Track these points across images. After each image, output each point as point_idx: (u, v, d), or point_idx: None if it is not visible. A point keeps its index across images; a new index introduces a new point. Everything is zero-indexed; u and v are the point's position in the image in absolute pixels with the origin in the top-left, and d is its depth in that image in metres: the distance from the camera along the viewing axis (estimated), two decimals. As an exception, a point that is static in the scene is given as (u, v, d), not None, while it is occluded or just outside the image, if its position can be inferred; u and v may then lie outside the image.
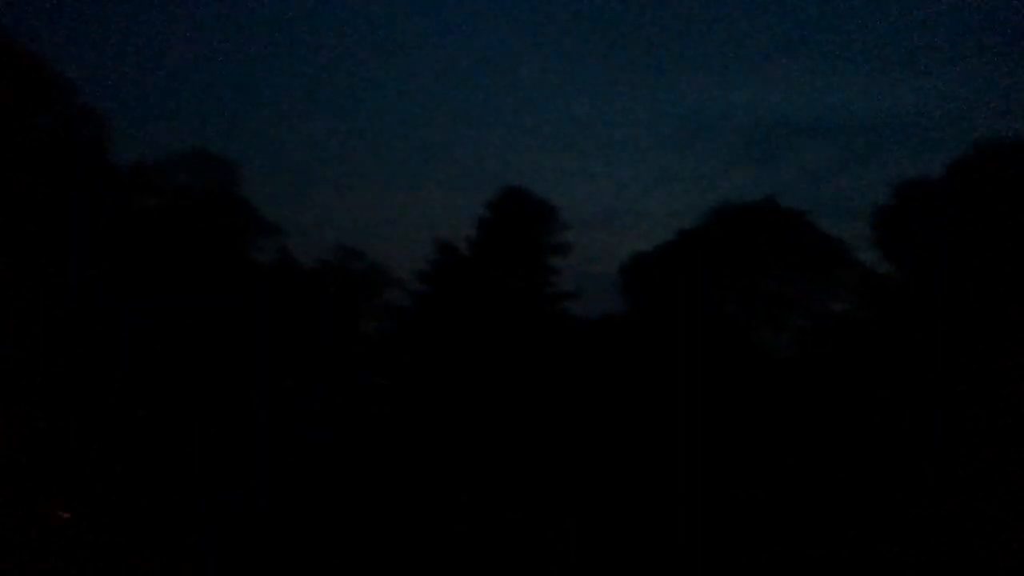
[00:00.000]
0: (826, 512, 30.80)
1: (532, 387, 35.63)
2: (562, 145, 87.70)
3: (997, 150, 34.87)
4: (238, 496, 29.36)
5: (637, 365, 36.54)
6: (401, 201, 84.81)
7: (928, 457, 30.60)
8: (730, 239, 38.58)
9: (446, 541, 28.67)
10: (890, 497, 30.30)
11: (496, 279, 39.34)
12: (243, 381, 33.35)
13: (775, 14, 79.29)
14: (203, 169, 37.48)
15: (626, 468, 33.49)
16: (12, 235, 30.88)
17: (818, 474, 31.75)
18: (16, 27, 33.48)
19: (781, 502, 31.15)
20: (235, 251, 36.87)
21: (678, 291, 38.58)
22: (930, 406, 31.38)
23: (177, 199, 36.99)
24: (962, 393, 31.37)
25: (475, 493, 32.34)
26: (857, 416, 32.45)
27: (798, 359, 37.41)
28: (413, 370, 36.92)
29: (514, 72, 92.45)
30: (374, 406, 35.78)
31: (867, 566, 27.90)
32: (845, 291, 38.06)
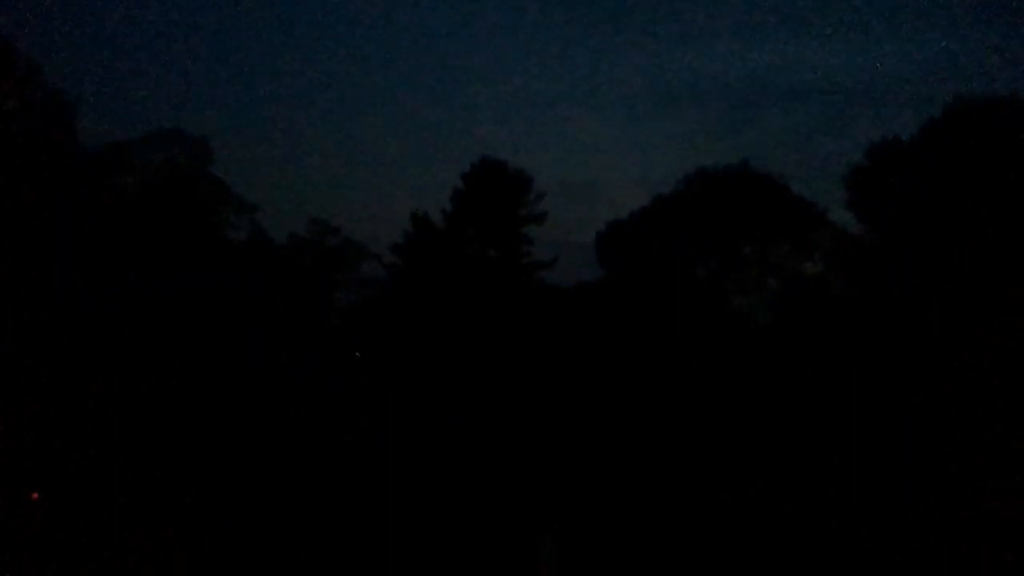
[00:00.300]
0: (799, 478, 31.14)
1: (509, 356, 35.79)
2: (538, 114, 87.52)
3: (969, 111, 34.90)
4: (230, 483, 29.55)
5: (614, 333, 36.70)
6: (376, 175, 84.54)
7: (900, 420, 30.86)
8: (705, 205, 38.61)
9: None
10: (862, 460, 30.62)
11: (472, 250, 39.38)
12: (220, 358, 33.46)
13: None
14: (175, 147, 37.37)
15: (603, 437, 33.74)
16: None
17: (792, 437, 32.03)
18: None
19: (758, 466, 31.47)
20: (209, 228, 36.84)
21: (654, 258, 38.68)
22: (902, 368, 31.60)
23: (150, 178, 36.89)
24: (935, 353, 31.57)
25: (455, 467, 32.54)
26: (831, 378, 32.70)
27: (773, 322, 37.63)
28: (389, 343, 37.01)
29: (489, 40, 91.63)
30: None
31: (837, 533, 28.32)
32: (819, 253, 38.22)
